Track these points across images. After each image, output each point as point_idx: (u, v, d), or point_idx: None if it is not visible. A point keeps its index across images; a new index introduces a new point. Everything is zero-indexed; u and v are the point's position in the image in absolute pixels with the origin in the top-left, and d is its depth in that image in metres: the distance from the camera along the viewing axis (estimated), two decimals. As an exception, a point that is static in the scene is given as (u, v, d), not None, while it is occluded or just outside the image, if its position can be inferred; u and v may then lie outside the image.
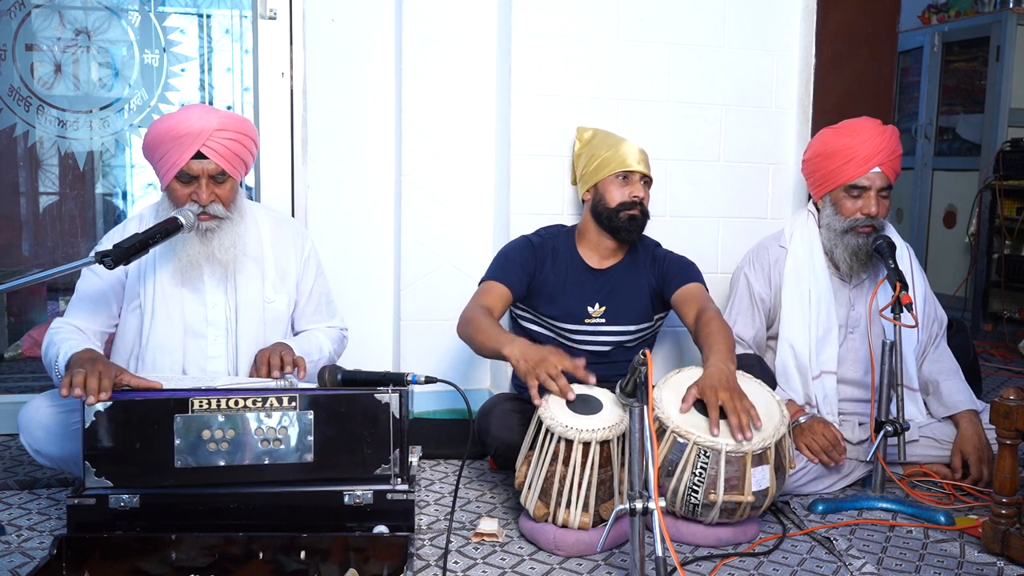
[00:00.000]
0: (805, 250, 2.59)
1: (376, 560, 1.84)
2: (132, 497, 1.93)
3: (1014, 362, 4.31)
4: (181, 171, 2.14)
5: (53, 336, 2.14)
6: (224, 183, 2.19)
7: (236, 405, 1.95)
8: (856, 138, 2.49)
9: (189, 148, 2.12)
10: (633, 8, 2.94)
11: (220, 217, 2.19)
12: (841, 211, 2.52)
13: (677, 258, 2.56)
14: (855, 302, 2.59)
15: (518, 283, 2.45)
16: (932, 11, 5.60)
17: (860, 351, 2.57)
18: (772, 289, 2.63)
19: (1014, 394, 1.98)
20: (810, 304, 2.54)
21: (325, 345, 2.39)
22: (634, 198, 2.47)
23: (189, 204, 2.16)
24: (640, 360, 1.80)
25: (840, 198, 2.52)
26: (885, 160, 2.49)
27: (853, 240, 2.51)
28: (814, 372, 2.51)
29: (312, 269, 2.42)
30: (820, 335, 2.53)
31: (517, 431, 2.21)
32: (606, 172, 2.50)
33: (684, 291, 2.45)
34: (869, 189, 2.49)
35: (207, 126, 2.13)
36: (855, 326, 2.58)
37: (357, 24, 3.06)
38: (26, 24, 3.45)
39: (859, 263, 2.53)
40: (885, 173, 2.49)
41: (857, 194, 2.50)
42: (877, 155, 2.47)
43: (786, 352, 2.55)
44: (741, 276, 2.69)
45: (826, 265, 2.57)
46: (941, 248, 5.35)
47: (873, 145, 2.47)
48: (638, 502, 1.66)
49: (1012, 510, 2.00)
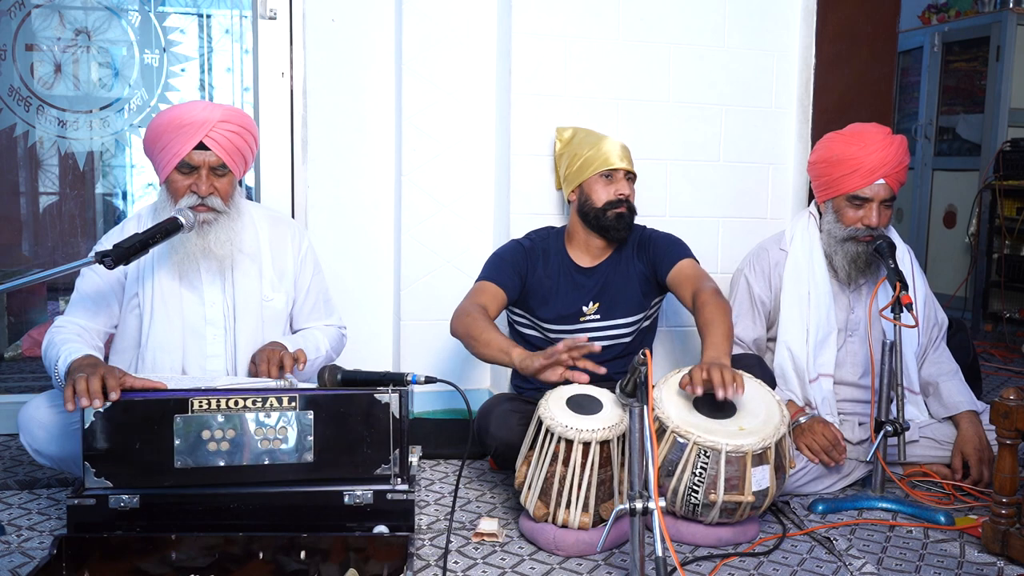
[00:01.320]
0: (805, 253, 2.58)
1: (376, 560, 1.84)
2: (132, 497, 1.92)
3: (1014, 362, 4.30)
4: (182, 161, 2.15)
5: (54, 336, 2.14)
6: (224, 176, 2.20)
7: (236, 405, 1.95)
8: (863, 149, 2.47)
9: (192, 138, 2.13)
10: (633, 8, 2.94)
11: (217, 210, 2.19)
12: (842, 219, 2.52)
13: (662, 237, 2.55)
14: (855, 305, 2.59)
15: (512, 284, 2.45)
16: (932, 11, 5.60)
17: (859, 354, 2.57)
18: (772, 291, 2.62)
19: (1014, 394, 1.98)
20: (809, 307, 2.54)
21: (323, 344, 2.39)
22: (619, 196, 2.47)
23: (187, 195, 2.16)
24: (640, 360, 1.80)
25: (842, 206, 2.52)
26: (890, 172, 2.47)
27: (853, 248, 2.51)
28: (811, 375, 2.51)
29: (309, 267, 2.42)
30: (819, 338, 2.52)
31: (517, 431, 2.21)
32: (589, 172, 2.49)
33: (676, 272, 2.44)
34: (872, 200, 2.48)
35: (211, 117, 2.14)
36: (854, 329, 2.58)
37: (357, 24, 3.06)
38: (26, 24, 3.45)
39: (857, 270, 2.53)
40: (889, 184, 2.48)
41: (859, 204, 2.49)
42: (883, 167, 2.46)
43: (784, 355, 2.55)
44: (741, 278, 2.69)
45: (826, 269, 2.56)
46: (941, 248, 5.35)
47: (879, 157, 2.45)
48: (638, 502, 1.66)
49: (1012, 510, 2.00)
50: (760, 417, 2.09)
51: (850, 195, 2.49)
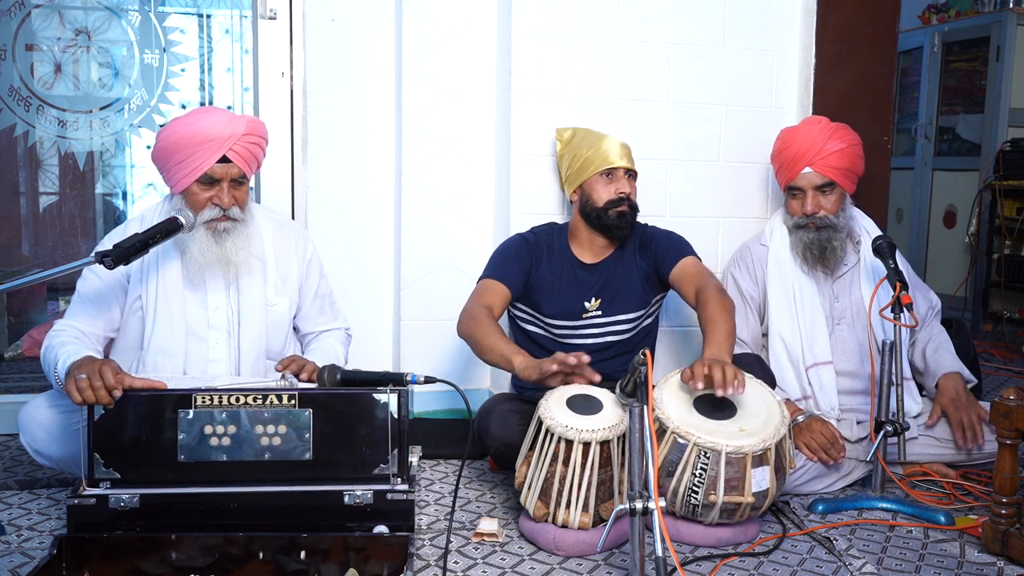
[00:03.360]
0: (784, 247, 2.66)
1: (376, 560, 1.84)
2: (132, 497, 1.93)
3: (1014, 362, 4.31)
4: (204, 175, 2.14)
5: (52, 340, 2.13)
6: (242, 186, 2.22)
7: (237, 402, 1.96)
8: (789, 142, 2.62)
9: (216, 153, 2.13)
10: (633, 8, 2.94)
11: (237, 220, 2.20)
12: (789, 210, 2.66)
13: (664, 235, 2.55)
14: (838, 294, 2.63)
15: (516, 281, 2.45)
16: (932, 11, 5.59)
17: (848, 341, 2.60)
18: (759, 286, 2.68)
19: (1014, 394, 1.98)
20: (794, 298, 2.60)
21: (341, 352, 2.40)
22: (620, 194, 2.47)
23: (209, 208, 2.16)
24: (640, 360, 1.80)
25: (787, 198, 2.67)
26: (815, 159, 2.56)
27: (804, 236, 2.61)
28: (807, 363, 2.54)
29: (315, 272, 2.42)
30: (808, 326, 2.57)
31: (517, 431, 2.21)
32: (590, 171, 2.50)
33: (679, 270, 2.45)
34: (804, 189, 2.60)
35: (236, 131, 2.14)
36: (840, 318, 2.62)
37: (357, 24, 3.06)
38: (26, 24, 3.44)
39: (814, 257, 2.60)
40: (819, 171, 2.57)
41: (795, 194, 2.63)
42: (806, 155, 2.57)
43: (778, 346, 2.59)
44: (729, 277, 2.75)
45: (797, 257, 2.63)
46: (941, 248, 5.35)
47: (800, 146, 2.58)
48: (638, 502, 1.66)
49: (1012, 510, 2.00)
50: (760, 418, 2.09)
51: (788, 187, 2.64)
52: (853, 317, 2.60)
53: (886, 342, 2.34)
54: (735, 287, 2.69)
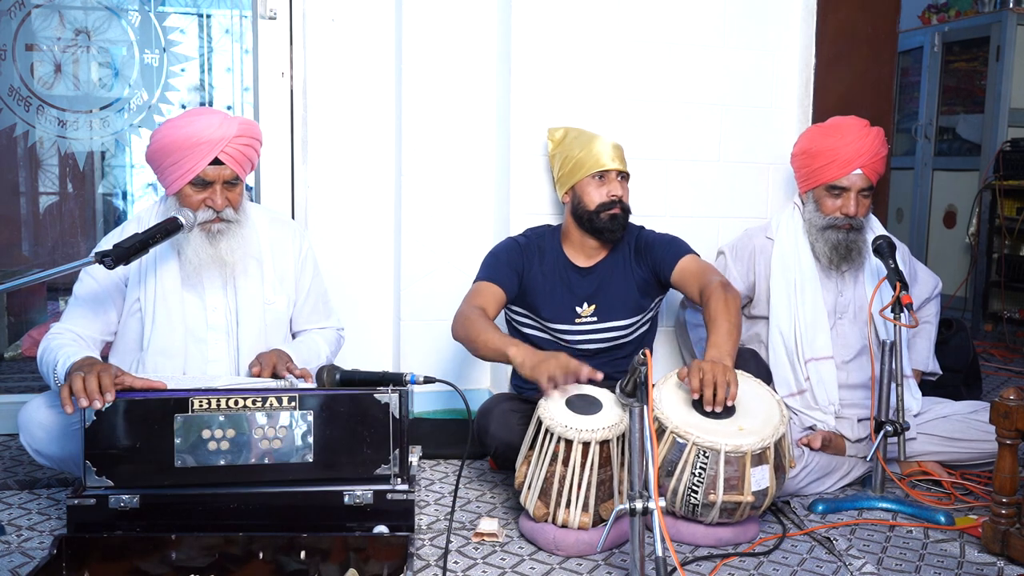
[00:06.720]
0: (791, 241, 2.65)
1: (376, 560, 1.84)
2: (132, 497, 1.92)
3: (1014, 362, 4.31)
4: (197, 177, 2.14)
5: (50, 342, 2.12)
6: (236, 187, 2.21)
7: (236, 405, 1.95)
8: (840, 140, 2.56)
9: (207, 155, 2.12)
10: (633, 8, 2.94)
11: (231, 221, 2.20)
12: (822, 208, 2.60)
13: (659, 238, 2.55)
14: (842, 289, 2.63)
15: (509, 283, 2.45)
16: (932, 11, 5.59)
17: (850, 335, 2.61)
18: (752, 275, 2.68)
19: (1014, 394, 1.98)
20: (796, 292, 2.60)
21: (323, 350, 2.39)
22: (612, 197, 2.46)
23: (202, 210, 2.16)
24: (640, 360, 1.80)
25: (822, 196, 2.61)
26: (867, 162, 2.55)
27: (833, 236, 2.59)
28: (805, 357, 2.55)
29: (309, 268, 2.42)
30: (808, 321, 2.57)
31: (517, 431, 2.21)
32: (582, 174, 2.48)
33: (680, 271, 2.44)
34: (849, 190, 2.57)
35: (227, 134, 2.14)
36: (843, 312, 2.62)
37: (357, 24, 3.06)
38: (26, 24, 3.45)
39: (839, 256, 2.59)
40: (866, 175, 2.56)
41: (837, 194, 2.58)
42: (859, 157, 2.54)
43: (777, 339, 2.59)
44: (720, 257, 2.77)
45: (811, 256, 2.63)
46: (941, 248, 5.35)
47: (855, 148, 2.54)
48: (638, 502, 1.66)
49: (1012, 510, 2.00)
50: (759, 417, 2.09)
51: (829, 185, 2.58)
52: (856, 312, 2.61)
53: (886, 342, 2.34)
54: (723, 267, 2.69)
